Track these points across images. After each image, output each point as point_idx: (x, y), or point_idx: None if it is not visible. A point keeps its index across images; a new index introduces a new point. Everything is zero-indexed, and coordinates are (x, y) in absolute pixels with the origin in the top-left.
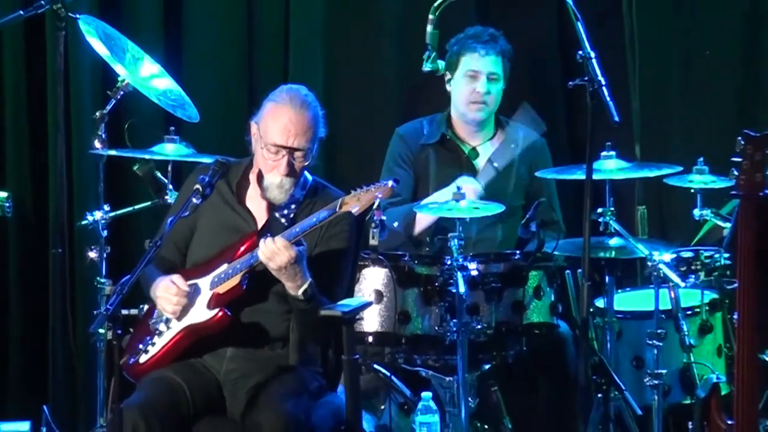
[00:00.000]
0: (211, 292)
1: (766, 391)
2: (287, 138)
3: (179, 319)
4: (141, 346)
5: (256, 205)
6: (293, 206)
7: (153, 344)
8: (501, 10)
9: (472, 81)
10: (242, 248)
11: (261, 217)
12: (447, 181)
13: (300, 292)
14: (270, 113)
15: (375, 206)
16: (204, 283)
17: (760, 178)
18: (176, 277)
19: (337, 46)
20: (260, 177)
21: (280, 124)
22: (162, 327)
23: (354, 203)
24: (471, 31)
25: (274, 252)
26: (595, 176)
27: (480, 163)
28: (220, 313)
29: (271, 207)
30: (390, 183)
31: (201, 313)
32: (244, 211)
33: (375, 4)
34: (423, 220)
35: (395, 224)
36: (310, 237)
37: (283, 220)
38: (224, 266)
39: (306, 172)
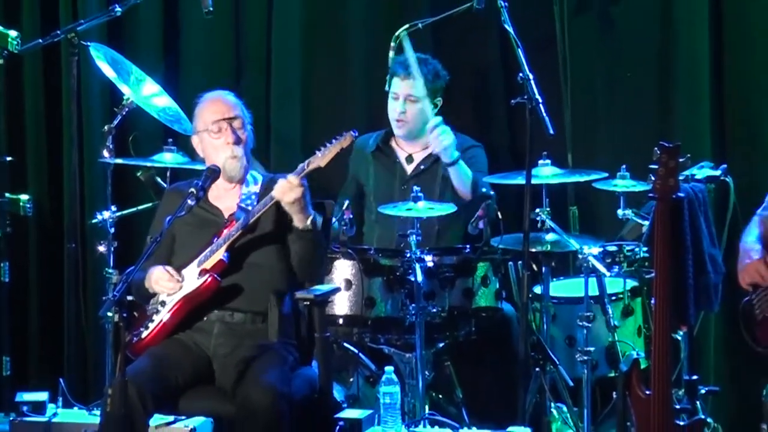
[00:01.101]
0: (199, 268)
1: (677, 365)
2: (221, 113)
3: (174, 297)
4: (141, 328)
5: (220, 202)
6: (253, 197)
7: (151, 323)
8: (453, 39)
9: (395, 101)
10: (223, 231)
11: (227, 210)
12: (384, 184)
13: (308, 222)
14: (201, 108)
15: (345, 206)
16: (192, 265)
17: (673, 182)
18: (168, 267)
19: (312, 69)
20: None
21: (211, 107)
22: (158, 308)
23: (319, 160)
24: (400, 57)
25: (289, 187)
26: (534, 181)
27: (410, 168)
28: (210, 278)
29: (235, 199)
30: (351, 134)
31: (192, 283)
32: (213, 208)
33: (344, 34)
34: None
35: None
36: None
37: (249, 208)
38: (208, 249)
39: (257, 172)
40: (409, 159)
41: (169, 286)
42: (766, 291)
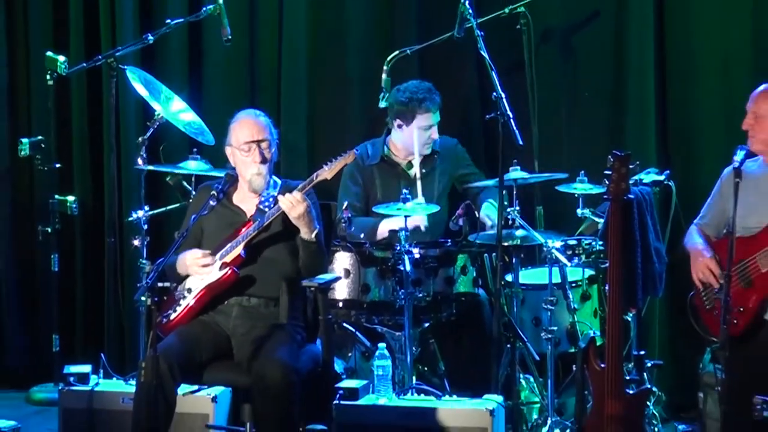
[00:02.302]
0: (220, 262)
1: (627, 342)
2: (252, 135)
3: (199, 284)
4: (170, 310)
5: (243, 204)
6: (272, 199)
7: (179, 306)
8: (436, 63)
9: (427, 130)
10: (243, 230)
11: (249, 211)
12: (391, 190)
13: (313, 235)
14: (236, 127)
15: (344, 207)
16: (216, 257)
17: (624, 186)
18: (197, 250)
19: (316, 88)
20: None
21: (245, 129)
22: (185, 294)
23: (326, 173)
24: (420, 92)
25: (296, 202)
26: (506, 184)
27: (413, 172)
28: (230, 271)
29: (255, 202)
30: (354, 152)
31: (215, 274)
32: (236, 209)
33: (344, 59)
34: (381, 233)
35: (361, 235)
36: None
37: (266, 210)
38: (229, 245)
39: (276, 177)
40: (409, 165)
41: (201, 268)
42: (711, 285)
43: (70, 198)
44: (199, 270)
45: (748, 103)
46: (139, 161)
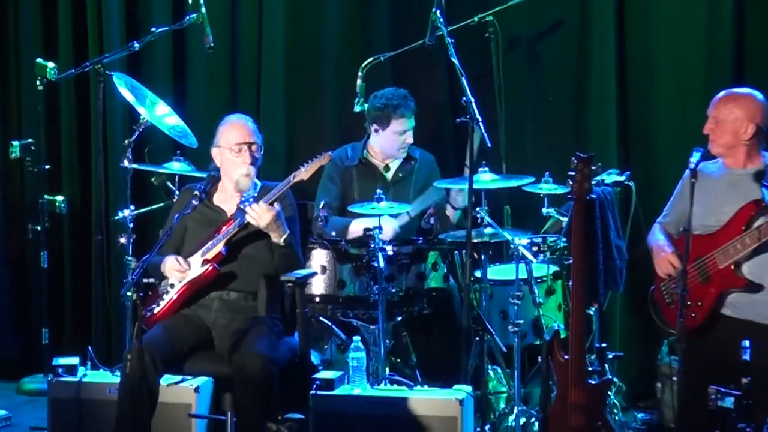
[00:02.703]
0: (202, 258)
1: (590, 335)
2: (243, 137)
3: (181, 280)
4: (154, 304)
5: (224, 204)
6: (251, 199)
7: (162, 300)
8: (408, 69)
9: (403, 134)
10: (223, 228)
11: (229, 211)
12: (367, 191)
13: (282, 240)
14: (227, 129)
15: (321, 206)
16: (197, 255)
17: (587, 186)
18: (179, 257)
19: (294, 93)
20: (226, 182)
21: (236, 131)
22: (168, 289)
23: (303, 174)
24: (395, 99)
25: (261, 213)
26: (475, 186)
27: (390, 174)
28: (211, 267)
29: (235, 202)
30: (329, 154)
31: (196, 270)
32: (217, 208)
33: (320, 66)
34: (352, 231)
35: (333, 233)
36: None
37: (246, 209)
38: (210, 242)
39: (256, 179)
40: (386, 168)
41: (178, 275)
42: (675, 280)
43: (59, 198)
44: (178, 276)
45: (709, 109)
46: (125, 162)
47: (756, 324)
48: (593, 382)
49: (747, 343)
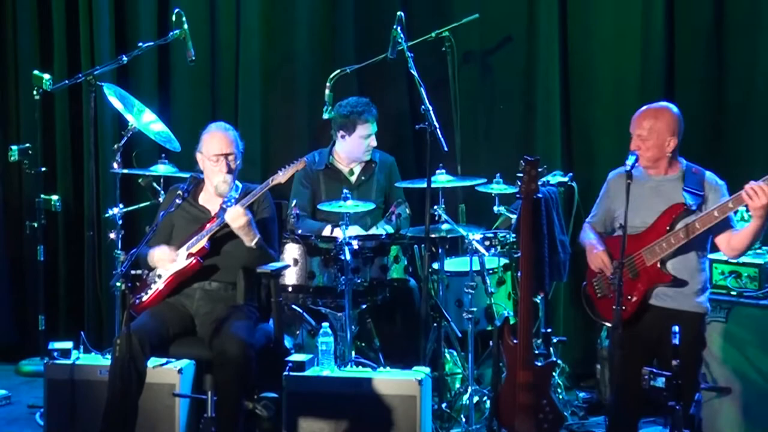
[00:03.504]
0: (187, 252)
1: (536, 321)
2: (221, 148)
3: (167, 271)
4: (141, 293)
5: (208, 204)
6: (233, 200)
7: (149, 290)
8: (372, 80)
9: (367, 138)
10: (207, 226)
11: (213, 210)
12: (334, 193)
13: (253, 243)
14: (207, 138)
15: (293, 205)
16: (183, 249)
17: (534, 186)
18: (168, 246)
19: (268, 102)
20: (209, 184)
21: (214, 142)
22: (155, 279)
23: (280, 177)
24: (359, 106)
25: (236, 216)
26: (433, 185)
27: (354, 178)
28: (195, 260)
29: (219, 202)
30: (304, 160)
31: (182, 263)
32: (202, 208)
33: (293, 77)
34: (326, 233)
35: (300, 226)
36: (252, 209)
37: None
38: (195, 238)
39: (238, 182)
40: (350, 172)
41: (167, 263)
42: (604, 276)
43: (54, 197)
44: (166, 265)
45: (631, 127)
46: (115, 165)
47: (680, 311)
48: (539, 364)
49: (677, 328)
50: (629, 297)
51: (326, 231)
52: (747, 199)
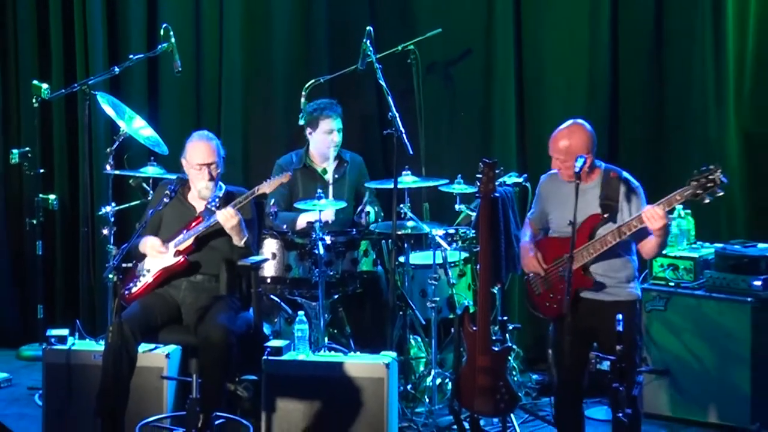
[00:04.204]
0: (175, 249)
1: (494, 310)
2: (204, 158)
3: (156, 266)
4: (131, 284)
5: (195, 202)
6: (217, 200)
7: (138, 282)
8: (343, 89)
9: (329, 135)
10: (193, 224)
11: (199, 208)
12: (310, 190)
13: (242, 242)
14: (191, 147)
15: (272, 203)
16: (171, 245)
17: (492, 186)
18: (157, 239)
19: (249, 110)
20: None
21: (197, 151)
22: (144, 273)
23: (266, 188)
24: (322, 104)
25: (228, 218)
26: (400, 186)
27: (328, 176)
28: (182, 258)
29: (204, 202)
30: (288, 174)
31: (170, 260)
32: (189, 205)
33: (271, 86)
34: (299, 224)
35: (284, 226)
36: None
37: (213, 209)
38: (182, 235)
39: (221, 183)
40: (324, 171)
41: (157, 249)
42: (538, 275)
43: (52, 196)
44: (156, 255)
45: (550, 150)
46: (108, 167)
47: (612, 302)
48: (496, 349)
49: (620, 316)
50: (559, 296)
51: (301, 219)
52: (646, 221)
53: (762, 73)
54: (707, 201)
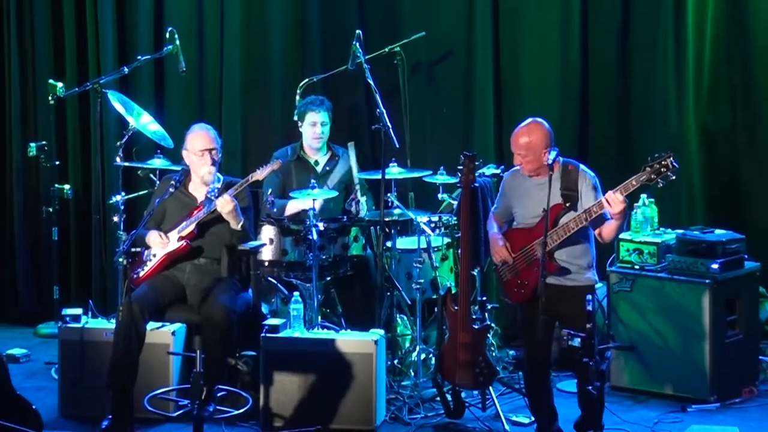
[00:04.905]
0: (178, 234)
1: (473, 291)
2: (204, 144)
3: (161, 251)
4: (139, 269)
5: (195, 192)
6: (216, 190)
7: (146, 266)
8: (335, 88)
9: (313, 127)
10: (194, 212)
11: (200, 198)
12: (303, 181)
13: (239, 226)
14: (192, 137)
15: (269, 193)
16: (174, 231)
17: (472, 177)
18: (161, 233)
19: (248, 106)
20: (195, 176)
21: (199, 139)
22: (151, 257)
23: (258, 175)
24: (309, 99)
25: (225, 204)
26: (387, 176)
27: (320, 168)
28: (185, 243)
29: (204, 191)
30: (279, 161)
31: (174, 245)
32: (190, 195)
33: (269, 84)
34: (288, 209)
35: (275, 209)
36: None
37: (212, 198)
38: (184, 222)
39: (219, 174)
40: (316, 163)
41: (159, 245)
42: (506, 264)
43: (66, 186)
44: (159, 245)
45: (512, 146)
46: (118, 159)
47: (573, 287)
48: (476, 327)
49: (589, 297)
50: (525, 282)
51: (291, 205)
52: (606, 206)
53: (718, 74)
54: (661, 185)
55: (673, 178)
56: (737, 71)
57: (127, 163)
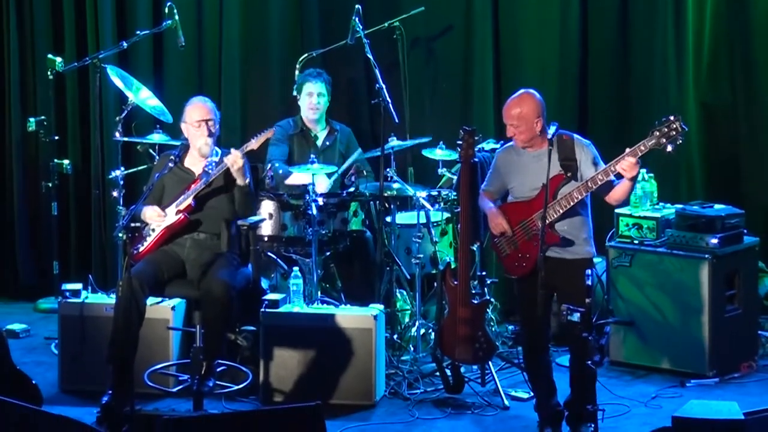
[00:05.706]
0: (176, 208)
1: (473, 266)
2: (202, 115)
3: (159, 226)
4: (139, 245)
5: (193, 167)
6: (213, 163)
7: (146, 241)
8: (334, 62)
9: (310, 97)
10: (192, 185)
11: (197, 171)
12: (303, 154)
13: (245, 182)
14: (190, 109)
15: (269, 167)
16: (172, 206)
17: (471, 152)
18: (157, 207)
19: (247, 81)
20: (193, 149)
21: (196, 110)
22: (150, 232)
23: (253, 144)
24: (307, 71)
25: (235, 159)
26: (387, 151)
27: (319, 142)
28: (183, 216)
29: (202, 165)
30: (271, 129)
31: (172, 218)
32: (187, 170)
33: (268, 59)
34: (295, 180)
35: (280, 171)
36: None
37: (210, 171)
38: (183, 196)
39: (217, 149)
40: (316, 137)
41: (157, 220)
42: (505, 236)
43: (66, 161)
44: (157, 220)
45: (504, 118)
46: (117, 134)
47: (572, 260)
48: (476, 302)
49: (589, 271)
50: (526, 255)
51: (294, 177)
52: (622, 172)
53: (718, 49)
54: (670, 149)
55: (681, 141)
56: (737, 47)
57: (126, 138)
